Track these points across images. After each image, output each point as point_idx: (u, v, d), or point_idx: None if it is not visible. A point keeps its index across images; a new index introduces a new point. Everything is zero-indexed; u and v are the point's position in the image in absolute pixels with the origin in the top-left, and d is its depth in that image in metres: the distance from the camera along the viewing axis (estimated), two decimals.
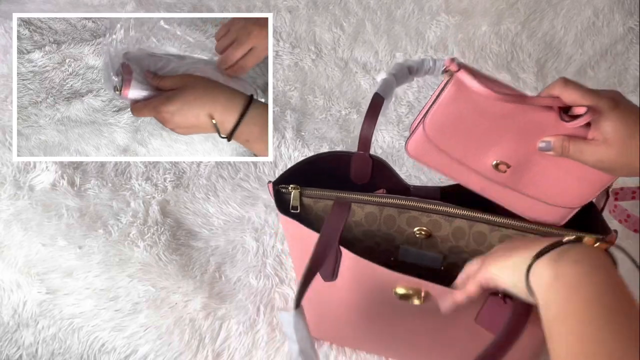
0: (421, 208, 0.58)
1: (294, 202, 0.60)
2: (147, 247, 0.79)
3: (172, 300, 0.74)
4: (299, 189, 0.60)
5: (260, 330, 0.72)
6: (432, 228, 0.59)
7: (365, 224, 0.61)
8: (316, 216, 0.61)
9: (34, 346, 0.74)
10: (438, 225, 0.59)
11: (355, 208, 0.60)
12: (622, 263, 0.80)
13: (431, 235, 0.59)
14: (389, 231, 0.60)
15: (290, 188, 0.60)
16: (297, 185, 0.60)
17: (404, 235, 0.60)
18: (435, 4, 1.19)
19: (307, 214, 0.61)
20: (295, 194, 0.60)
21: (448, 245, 0.59)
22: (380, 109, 0.59)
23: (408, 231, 0.60)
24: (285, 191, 0.60)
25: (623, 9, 1.15)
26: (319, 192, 0.60)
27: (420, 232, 0.59)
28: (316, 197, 0.60)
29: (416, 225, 0.59)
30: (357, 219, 0.61)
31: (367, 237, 0.62)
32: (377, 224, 0.60)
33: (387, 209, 0.59)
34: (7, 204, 0.83)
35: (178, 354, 0.70)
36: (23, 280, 0.76)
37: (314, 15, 1.21)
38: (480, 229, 0.57)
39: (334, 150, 0.65)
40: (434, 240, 0.60)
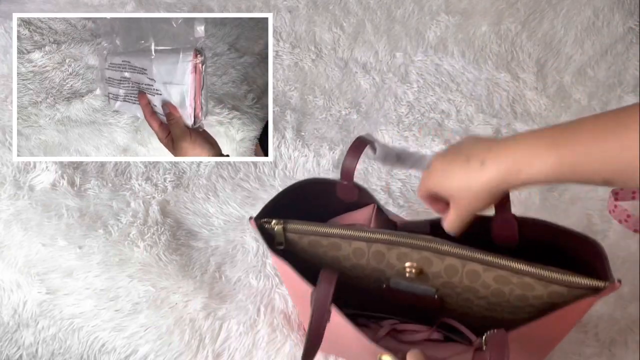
0: (411, 244, 0.55)
1: (278, 238, 0.58)
2: (147, 247, 0.79)
3: (172, 300, 0.74)
4: (282, 223, 0.57)
5: (260, 331, 0.72)
6: (423, 264, 0.56)
7: (354, 258, 0.58)
8: (302, 249, 0.59)
9: (34, 346, 0.74)
10: (429, 262, 0.56)
11: (342, 243, 0.57)
12: (622, 262, 0.80)
13: (422, 271, 0.56)
14: (378, 266, 0.58)
15: (273, 224, 0.57)
16: (280, 220, 0.57)
17: (394, 269, 0.58)
18: (435, 4, 1.19)
19: (293, 248, 0.59)
20: (278, 230, 0.57)
21: (440, 280, 0.57)
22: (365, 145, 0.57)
23: (398, 266, 0.57)
24: (268, 227, 0.58)
25: (623, 9, 1.15)
26: (303, 227, 0.57)
27: (410, 270, 0.56)
28: (300, 232, 0.57)
29: (406, 260, 0.56)
30: (344, 253, 0.58)
31: (356, 269, 0.60)
32: (365, 259, 0.58)
33: (375, 244, 0.56)
34: (7, 204, 0.83)
35: (178, 354, 0.70)
36: (23, 280, 0.76)
37: (314, 15, 1.21)
38: (473, 268, 0.54)
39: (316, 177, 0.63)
40: (426, 276, 0.57)
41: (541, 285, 0.53)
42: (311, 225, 0.57)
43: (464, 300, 0.58)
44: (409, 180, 0.92)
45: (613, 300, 0.74)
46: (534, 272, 0.52)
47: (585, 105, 1.07)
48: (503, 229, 0.57)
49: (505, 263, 0.53)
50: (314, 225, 0.57)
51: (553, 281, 0.52)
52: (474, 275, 0.55)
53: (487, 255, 0.53)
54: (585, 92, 1.08)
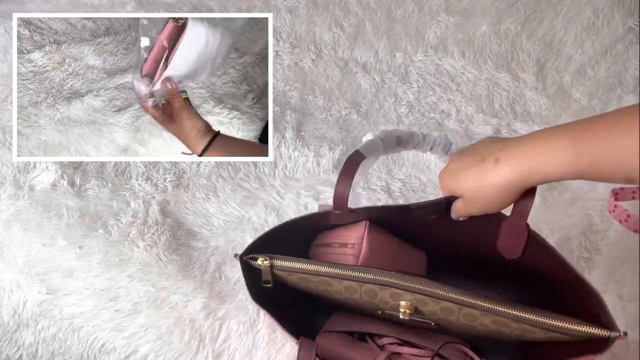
0: (404, 287, 0.53)
1: (265, 276, 0.56)
2: (147, 247, 0.79)
3: (172, 300, 0.74)
4: (269, 260, 0.55)
5: (260, 331, 0.72)
6: (417, 304, 0.54)
7: (346, 293, 0.57)
8: (292, 283, 0.58)
9: (34, 346, 0.74)
10: (424, 302, 0.54)
11: (333, 281, 0.55)
12: (622, 262, 0.80)
13: (417, 309, 0.55)
14: (372, 301, 0.56)
15: (260, 261, 0.55)
16: (267, 257, 0.55)
17: (388, 305, 0.56)
18: (435, 4, 1.19)
19: (282, 281, 0.58)
20: (265, 267, 0.55)
21: (436, 317, 0.55)
22: (357, 168, 0.54)
23: (392, 303, 0.55)
24: (254, 264, 0.56)
25: (623, 9, 1.15)
26: (290, 265, 0.55)
27: (405, 310, 0.54)
28: (288, 270, 0.56)
29: (400, 299, 0.54)
30: (336, 289, 0.57)
31: (349, 301, 0.58)
32: (358, 295, 0.56)
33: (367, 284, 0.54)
34: (7, 204, 0.83)
35: (178, 354, 0.70)
36: (23, 280, 0.76)
37: (314, 15, 1.21)
38: (470, 312, 0.52)
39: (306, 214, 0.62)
40: (421, 313, 0.55)
41: (541, 331, 0.51)
42: (299, 263, 0.55)
43: (464, 328, 0.56)
44: (409, 181, 0.92)
45: (613, 301, 0.74)
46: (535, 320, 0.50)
47: (585, 105, 1.07)
48: (511, 236, 0.56)
49: (503, 310, 0.51)
50: (302, 263, 0.55)
51: (555, 330, 0.50)
52: (471, 317, 0.53)
53: (484, 302, 0.51)
54: (585, 92, 1.08)
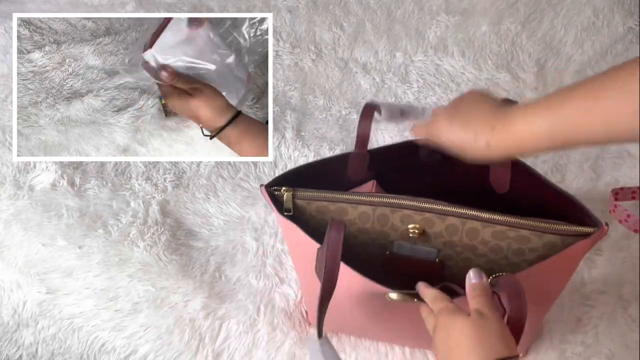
0: (414, 207, 0.59)
1: (286, 204, 0.61)
2: (147, 247, 0.79)
3: (172, 300, 0.74)
4: (291, 191, 0.60)
5: (260, 330, 0.72)
6: (425, 225, 0.60)
7: (359, 222, 0.61)
8: (310, 215, 0.62)
9: (34, 346, 0.74)
10: (431, 222, 0.59)
11: (349, 208, 0.60)
12: (622, 262, 0.80)
13: (424, 231, 0.60)
14: (383, 228, 0.61)
15: (283, 190, 0.60)
16: (289, 188, 0.60)
17: (398, 231, 0.61)
18: (435, 4, 1.19)
19: (301, 214, 0.62)
20: (287, 196, 0.60)
21: (441, 240, 0.60)
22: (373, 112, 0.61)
23: (402, 228, 0.60)
24: (278, 194, 0.60)
25: (623, 9, 1.15)
26: (311, 194, 0.60)
27: (413, 230, 0.60)
28: (308, 198, 0.61)
29: (409, 222, 0.60)
30: (350, 218, 0.61)
31: (361, 234, 0.62)
32: (370, 222, 0.61)
33: (380, 208, 0.60)
34: (7, 204, 0.83)
35: (178, 354, 0.70)
36: (23, 280, 0.77)
37: (314, 15, 1.21)
38: (472, 226, 0.58)
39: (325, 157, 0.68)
40: (428, 236, 0.60)
41: (536, 236, 0.57)
42: (319, 192, 0.60)
43: (464, 261, 0.61)
44: None
45: (613, 301, 0.74)
46: (529, 224, 0.56)
47: None
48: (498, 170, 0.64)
49: (502, 218, 0.57)
50: (321, 192, 0.60)
51: (547, 231, 0.56)
52: (473, 232, 0.58)
53: (485, 213, 0.57)
54: None
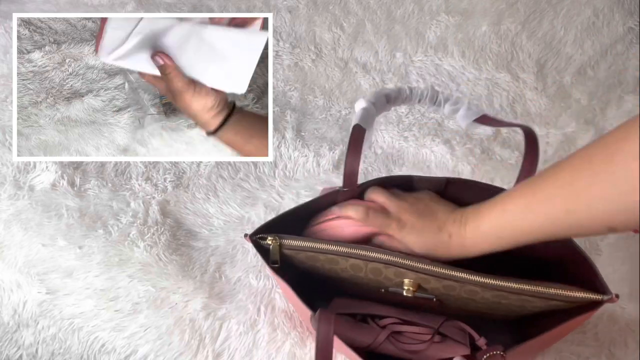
0: (408, 266, 0.55)
1: (273, 256, 0.58)
2: (147, 247, 0.79)
3: (172, 300, 0.74)
4: (278, 240, 0.57)
5: (261, 330, 0.72)
6: (420, 282, 0.57)
7: (351, 270, 0.59)
8: (300, 262, 0.60)
9: (34, 346, 0.74)
10: (426, 280, 0.56)
11: (339, 259, 0.58)
12: (622, 262, 0.80)
13: (420, 286, 0.58)
14: (377, 278, 0.59)
15: (269, 240, 0.57)
16: (275, 237, 0.57)
17: (392, 282, 0.59)
18: (435, 4, 1.19)
19: (290, 261, 0.60)
20: (274, 247, 0.58)
21: (438, 292, 0.58)
22: (362, 141, 0.56)
23: (396, 280, 0.58)
24: (263, 243, 0.58)
25: (623, 9, 1.15)
26: (298, 244, 0.57)
27: (408, 288, 0.57)
28: (296, 249, 0.58)
29: (404, 277, 0.57)
30: (342, 267, 0.59)
31: (355, 279, 0.60)
32: (363, 272, 0.59)
33: (372, 263, 0.57)
34: (7, 204, 0.83)
35: (178, 354, 0.70)
36: (23, 280, 0.76)
37: (314, 15, 1.21)
38: (471, 288, 0.55)
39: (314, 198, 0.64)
40: (424, 289, 0.58)
41: (540, 300, 0.54)
42: (307, 242, 0.57)
43: (464, 302, 0.59)
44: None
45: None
46: (534, 290, 0.53)
47: (585, 105, 1.07)
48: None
49: (503, 284, 0.53)
50: (309, 242, 0.57)
51: (553, 298, 0.53)
52: (472, 292, 0.56)
53: (484, 278, 0.54)
54: (585, 92, 1.08)
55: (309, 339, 0.71)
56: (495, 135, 1.00)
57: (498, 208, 0.50)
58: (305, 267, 0.61)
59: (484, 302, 0.57)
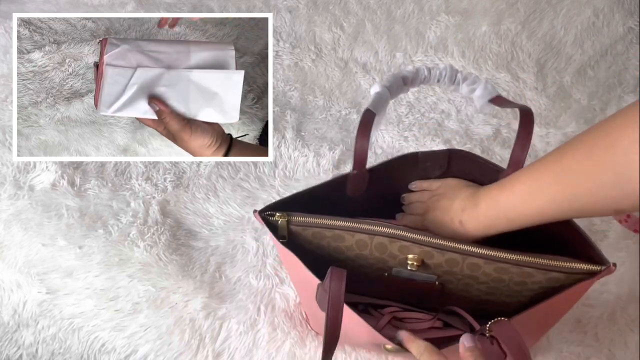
0: (412, 239, 0.57)
1: (281, 231, 0.59)
2: (147, 247, 0.79)
3: (172, 300, 0.74)
4: (286, 217, 0.59)
5: (261, 330, 0.72)
6: (424, 256, 0.58)
7: (357, 248, 0.60)
8: (306, 240, 0.61)
9: (34, 346, 0.74)
10: (430, 255, 0.58)
11: (345, 235, 0.59)
12: (622, 262, 0.80)
13: (423, 262, 0.58)
14: (381, 255, 0.60)
15: (277, 216, 0.58)
16: (284, 213, 0.59)
17: (396, 259, 0.60)
18: (435, 4, 1.19)
19: (296, 238, 0.61)
20: (282, 222, 0.59)
21: (441, 269, 0.59)
22: (372, 125, 0.57)
23: (400, 257, 0.59)
24: (272, 219, 0.59)
25: (623, 9, 1.15)
26: (306, 219, 0.59)
27: (412, 262, 0.58)
28: (303, 224, 0.59)
29: (408, 252, 0.58)
30: (347, 244, 0.60)
31: (359, 259, 0.61)
32: (368, 249, 0.60)
33: (377, 237, 0.58)
34: (7, 204, 0.83)
35: (178, 354, 0.70)
36: (23, 280, 0.76)
37: (314, 15, 1.21)
38: (474, 261, 0.56)
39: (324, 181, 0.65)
40: (427, 266, 0.59)
41: (540, 273, 0.55)
42: (314, 218, 0.59)
43: (464, 285, 0.60)
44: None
45: (613, 300, 0.74)
46: (534, 262, 0.54)
47: (585, 105, 1.07)
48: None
49: (504, 256, 0.55)
50: (317, 218, 0.59)
51: (552, 269, 0.54)
52: (475, 266, 0.57)
53: (487, 250, 0.55)
54: (585, 92, 1.08)
55: (309, 339, 0.71)
56: (495, 135, 1.00)
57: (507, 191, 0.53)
58: (311, 246, 0.61)
59: (485, 282, 0.58)
